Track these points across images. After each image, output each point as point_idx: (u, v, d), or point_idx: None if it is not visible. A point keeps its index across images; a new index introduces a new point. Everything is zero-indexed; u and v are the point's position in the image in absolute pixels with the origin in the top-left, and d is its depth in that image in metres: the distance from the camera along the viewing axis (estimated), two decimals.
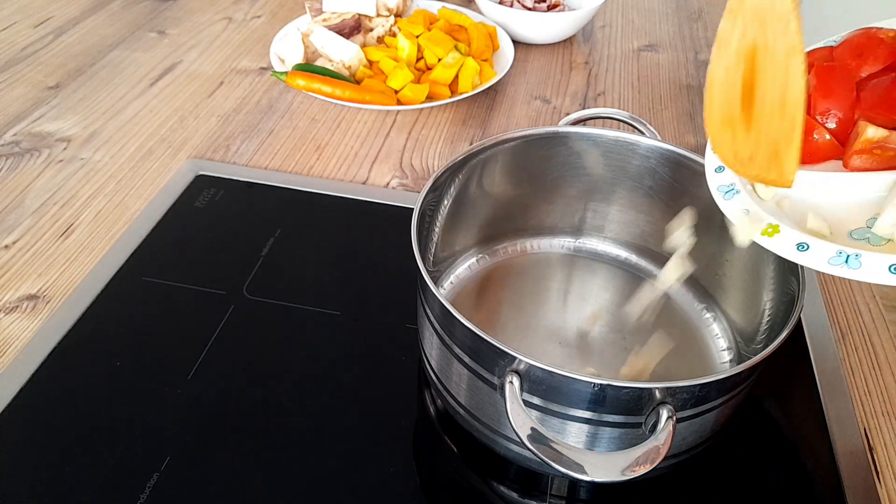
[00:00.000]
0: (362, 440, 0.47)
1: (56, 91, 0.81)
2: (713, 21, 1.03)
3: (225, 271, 0.58)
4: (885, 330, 0.57)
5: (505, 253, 0.58)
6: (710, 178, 0.45)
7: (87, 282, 0.57)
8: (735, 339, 0.51)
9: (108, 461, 0.45)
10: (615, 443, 0.40)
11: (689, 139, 0.78)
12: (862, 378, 0.53)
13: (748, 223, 0.41)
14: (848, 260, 0.35)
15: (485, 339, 0.38)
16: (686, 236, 0.50)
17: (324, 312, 0.55)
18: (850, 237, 0.38)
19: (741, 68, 0.41)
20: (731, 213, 0.42)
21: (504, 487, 0.46)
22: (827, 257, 0.36)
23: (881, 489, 0.46)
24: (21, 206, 0.65)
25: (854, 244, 0.37)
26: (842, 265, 0.35)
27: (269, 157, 0.72)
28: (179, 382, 0.50)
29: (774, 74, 0.39)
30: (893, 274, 0.34)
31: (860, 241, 0.37)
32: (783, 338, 0.38)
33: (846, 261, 0.35)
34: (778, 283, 0.46)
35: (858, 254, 0.35)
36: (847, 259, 0.35)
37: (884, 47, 0.43)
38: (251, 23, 0.98)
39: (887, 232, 0.37)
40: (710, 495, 0.46)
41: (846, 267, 0.35)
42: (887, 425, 0.50)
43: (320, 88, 0.77)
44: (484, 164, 0.52)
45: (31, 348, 0.51)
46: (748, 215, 0.41)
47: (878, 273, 0.34)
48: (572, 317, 0.54)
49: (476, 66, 0.81)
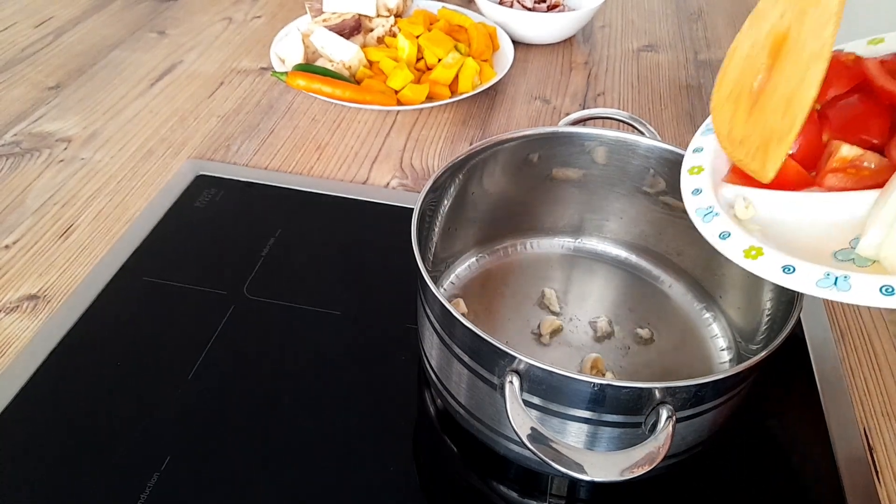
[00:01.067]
0: (362, 440, 0.47)
1: (56, 91, 0.81)
2: (713, 21, 1.03)
3: (225, 271, 0.58)
4: (884, 330, 0.57)
5: (505, 253, 0.58)
6: (687, 200, 0.44)
7: (87, 282, 0.57)
8: (735, 339, 0.51)
9: (108, 461, 0.45)
10: (615, 443, 0.40)
11: (688, 139, 0.77)
12: (862, 378, 0.53)
13: (730, 246, 0.40)
14: (837, 282, 0.34)
15: (485, 339, 0.38)
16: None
17: (324, 312, 0.55)
18: (834, 258, 0.37)
19: (766, 50, 0.40)
20: (712, 236, 0.41)
21: (504, 487, 0.46)
22: (814, 280, 0.35)
23: (881, 489, 0.46)
24: (21, 206, 0.65)
25: (840, 266, 0.36)
26: (830, 287, 0.34)
27: (270, 158, 0.72)
28: (179, 382, 0.50)
29: (793, 71, 0.38)
30: (885, 296, 0.33)
31: (845, 262, 0.36)
32: (783, 338, 0.38)
33: (835, 283, 0.34)
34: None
35: (847, 276, 0.34)
36: (836, 281, 0.34)
37: (846, 70, 0.43)
38: (251, 23, 0.98)
39: (871, 253, 0.36)
40: (710, 495, 0.46)
41: (835, 289, 0.34)
42: (887, 425, 0.50)
43: (320, 89, 0.77)
44: (484, 164, 0.52)
45: (31, 348, 0.51)
46: (729, 238, 0.40)
47: (869, 295, 0.33)
48: (572, 317, 0.54)
49: (476, 66, 0.81)
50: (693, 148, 0.47)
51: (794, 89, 0.38)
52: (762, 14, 0.41)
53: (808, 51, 0.38)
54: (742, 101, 0.42)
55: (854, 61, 0.43)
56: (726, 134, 0.42)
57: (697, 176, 0.45)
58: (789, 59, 0.39)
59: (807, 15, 0.38)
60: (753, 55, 0.41)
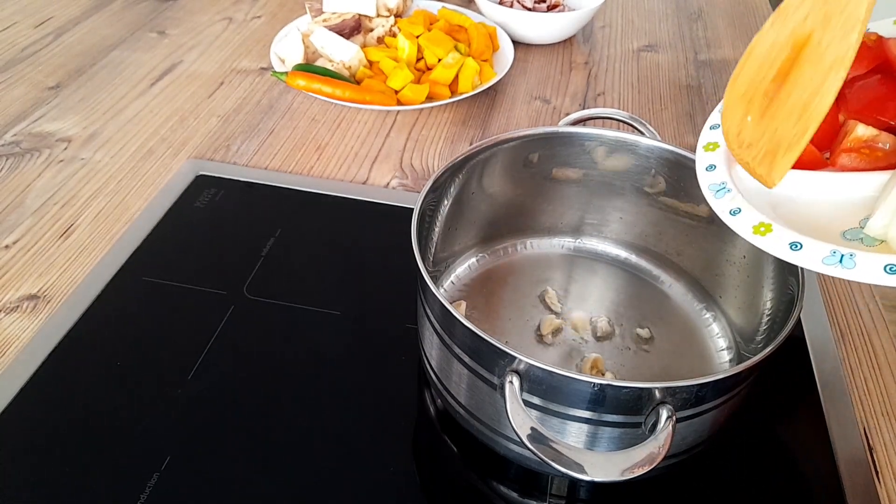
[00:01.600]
0: (362, 440, 0.47)
1: (56, 91, 0.81)
2: (713, 21, 1.03)
3: (225, 271, 0.58)
4: (884, 330, 0.57)
5: (505, 253, 0.58)
6: (700, 175, 0.45)
7: (87, 282, 0.57)
8: (735, 339, 0.51)
9: (108, 461, 0.45)
10: (615, 443, 0.40)
11: (688, 139, 0.78)
12: (862, 378, 0.53)
13: (739, 221, 0.40)
14: (842, 260, 0.35)
15: (485, 339, 0.38)
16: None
17: (324, 312, 0.55)
18: (843, 237, 0.38)
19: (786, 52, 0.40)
20: (722, 212, 0.41)
21: (504, 487, 0.46)
22: (821, 256, 0.35)
23: (881, 489, 0.46)
24: (21, 207, 0.65)
25: (847, 244, 0.36)
26: (836, 265, 0.35)
27: (270, 158, 0.72)
28: (179, 382, 0.50)
29: (811, 77, 0.38)
30: (889, 274, 0.33)
31: (853, 241, 0.37)
32: (783, 338, 0.38)
33: (840, 260, 0.35)
34: (777, 283, 0.46)
35: (853, 253, 0.35)
36: (841, 259, 0.35)
37: (867, 51, 0.43)
38: (251, 23, 0.98)
39: (879, 233, 0.37)
40: (710, 495, 0.46)
41: (840, 266, 0.35)
42: (887, 425, 0.50)
43: (320, 89, 0.77)
44: (484, 164, 0.52)
45: (31, 348, 0.51)
46: (740, 214, 0.40)
47: (874, 273, 0.34)
48: (572, 317, 0.54)
49: (476, 66, 0.81)
50: (710, 125, 0.47)
51: (810, 96, 0.38)
52: (785, 14, 0.40)
53: (829, 57, 0.37)
54: (755, 102, 0.41)
55: (876, 42, 0.43)
56: (735, 134, 0.42)
57: (712, 153, 0.45)
58: (808, 64, 0.38)
59: (831, 20, 0.37)
60: (772, 56, 0.41)
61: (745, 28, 1.01)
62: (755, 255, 0.49)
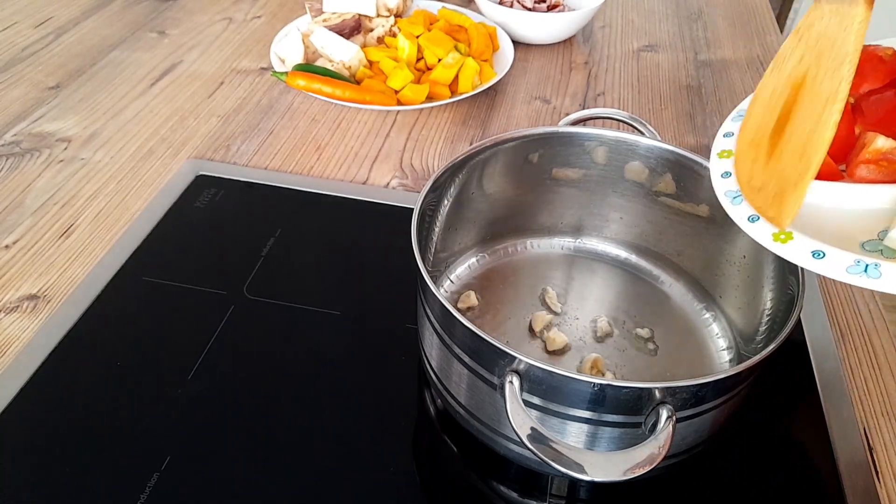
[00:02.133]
0: (362, 440, 0.47)
1: (56, 91, 0.81)
2: (713, 21, 1.03)
3: (225, 271, 0.58)
4: (884, 330, 0.57)
5: (505, 253, 0.58)
6: (716, 183, 0.44)
7: (87, 282, 0.57)
8: (735, 339, 0.51)
9: (108, 461, 0.45)
10: (615, 443, 0.40)
11: (688, 139, 0.78)
12: (862, 378, 0.53)
13: (758, 229, 0.40)
14: (867, 269, 0.34)
15: (485, 339, 0.38)
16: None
17: (324, 312, 0.55)
18: (862, 248, 0.37)
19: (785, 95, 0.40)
20: (740, 219, 0.41)
21: (504, 487, 0.46)
22: (844, 266, 0.35)
23: (881, 489, 0.46)
24: (21, 207, 0.65)
25: (868, 255, 0.36)
26: (861, 274, 0.34)
27: (270, 158, 0.72)
28: (179, 382, 0.50)
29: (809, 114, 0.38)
30: None
31: (873, 252, 0.37)
32: (783, 338, 0.38)
33: (865, 270, 0.35)
34: (778, 283, 0.46)
35: (878, 263, 0.34)
36: (866, 268, 0.35)
37: (883, 65, 0.43)
38: (251, 23, 0.98)
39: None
40: (710, 495, 0.46)
41: (865, 276, 0.34)
42: (887, 425, 0.50)
43: (320, 89, 0.77)
44: (484, 164, 0.52)
45: (31, 348, 0.51)
46: (758, 221, 0.40)
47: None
48: (572, 316, 0.54)
49: (476, 66, 0.81)
50: (723, 132, 0.47)
51: (810, 132, 0.38)
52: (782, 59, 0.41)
53: (825, 92, 0.37)
54: (762, 147, 0.42)
55: (892, 56, 0.43)
56: (747, 181, 0.42)
57: (727, 159, 0.45)
58: (806, 101, 0.39)
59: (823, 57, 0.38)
60: (774, 101, 0.41)
61: (745, 28, 1.01)
62: (755, 256, 0.49)
